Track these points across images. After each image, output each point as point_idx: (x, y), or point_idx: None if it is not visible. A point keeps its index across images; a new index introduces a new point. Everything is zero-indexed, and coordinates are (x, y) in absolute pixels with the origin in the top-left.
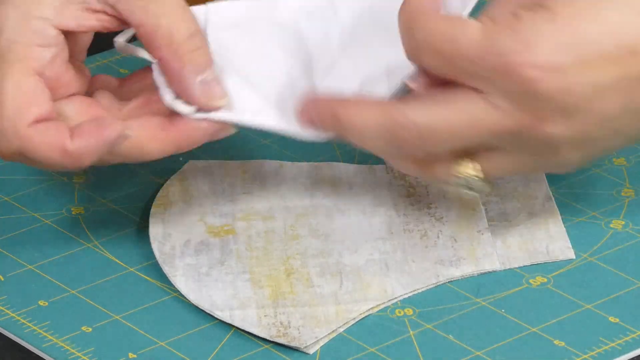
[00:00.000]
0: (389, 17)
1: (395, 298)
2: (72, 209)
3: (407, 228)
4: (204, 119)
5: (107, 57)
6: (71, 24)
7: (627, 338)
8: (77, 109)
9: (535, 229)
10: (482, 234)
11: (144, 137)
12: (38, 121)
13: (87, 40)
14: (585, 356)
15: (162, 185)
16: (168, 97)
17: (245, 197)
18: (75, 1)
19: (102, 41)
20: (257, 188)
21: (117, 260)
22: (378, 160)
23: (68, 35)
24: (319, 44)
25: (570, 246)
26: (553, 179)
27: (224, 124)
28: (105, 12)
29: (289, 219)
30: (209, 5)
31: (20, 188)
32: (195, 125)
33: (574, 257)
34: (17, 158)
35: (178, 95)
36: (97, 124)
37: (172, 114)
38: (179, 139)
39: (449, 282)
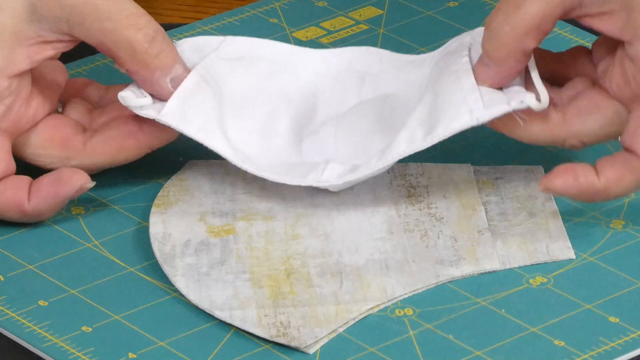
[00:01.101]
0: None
1: (395, 298)
2: (72, 209)
3: (407, 228)
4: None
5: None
6: (24, 65)
7: (627, 338)
8: (43, 138)
9: (535, 229)
10: (482, 234)
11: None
12: None
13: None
14: (585, 356)
15: (162, 185)
16: (128, 96)
17: (246, 197)
18: (27, 37)
19: None
20: (257, 188)
21: (117, 260)
22: None
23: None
24: (327, 105)
25: (570, 246)
26: None
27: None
28: (61, 41)
29: (289, 219)
30: (228, 37)
31: None
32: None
33: (574, 257)
34: None
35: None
36: (56, 182)
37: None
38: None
39: (449, 282)
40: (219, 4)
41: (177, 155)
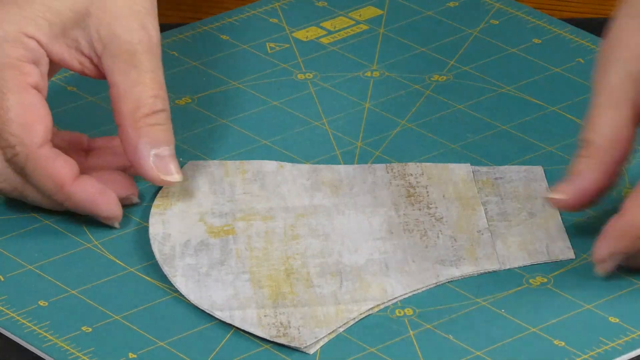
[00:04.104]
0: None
1: (395, 298)
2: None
3: (407, 228)
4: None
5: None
6: (57, 57)
7: (627, 338)
8: (60, 138)
9: (535, 229)
10: (482, 234)
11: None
12: (45, 142)
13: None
14: (585, 356)
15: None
16: None
17: (245, 197)
18: (69, 37)
19: None
20: (257, 188)
21: (117, 260)
22: (378, 161)
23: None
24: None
25: (570, 246)
26: (553, 180)
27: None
28: (90, 60)
29: (289, 219)
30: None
31: None
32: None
33: (574, 257)
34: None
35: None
36: (101, 193)
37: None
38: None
39: (449, 282)
40: (219, 4)
41: (177, 156)
